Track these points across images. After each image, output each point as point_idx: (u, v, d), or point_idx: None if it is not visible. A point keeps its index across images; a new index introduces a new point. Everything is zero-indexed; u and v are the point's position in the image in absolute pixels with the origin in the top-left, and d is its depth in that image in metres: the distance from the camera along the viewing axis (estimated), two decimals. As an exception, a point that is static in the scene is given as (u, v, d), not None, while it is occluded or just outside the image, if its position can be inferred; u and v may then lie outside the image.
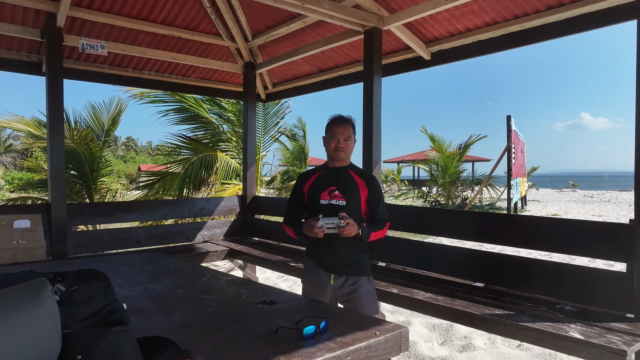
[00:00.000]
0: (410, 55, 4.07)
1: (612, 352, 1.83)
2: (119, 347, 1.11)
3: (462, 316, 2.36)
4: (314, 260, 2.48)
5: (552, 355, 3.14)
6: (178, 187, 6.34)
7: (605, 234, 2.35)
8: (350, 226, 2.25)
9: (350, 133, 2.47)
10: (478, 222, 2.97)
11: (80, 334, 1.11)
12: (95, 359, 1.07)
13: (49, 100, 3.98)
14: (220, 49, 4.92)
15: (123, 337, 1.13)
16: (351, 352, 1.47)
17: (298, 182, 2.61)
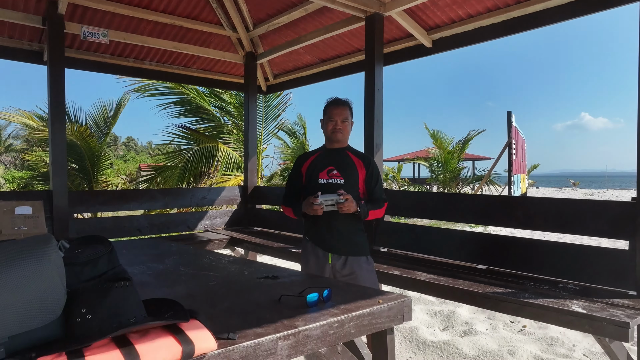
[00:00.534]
0: (412, 43, 4.07)
1: (615, 324, 1.83)
2: (123, 301, 1.11)
3: (465, 295, 2.36)
4: (313, 240, 2.48)
5: (553, 339, 3.14)
6: (178, 178, 6.33)
7: (607, 213, 2.35)
8: (349, 202, 2.26)
9: (348, 115, 2.48)
10: (481, 204, 2.97)
11: (85, 288, 1.11)
12: (100, 312, 1.07)
13: (51, 89, 3.98)
14: (222, 38, 4.92)
15: (128, 292, 1.13)
16: (354, 318, 1.47)
17: (296, 163, 2.62)
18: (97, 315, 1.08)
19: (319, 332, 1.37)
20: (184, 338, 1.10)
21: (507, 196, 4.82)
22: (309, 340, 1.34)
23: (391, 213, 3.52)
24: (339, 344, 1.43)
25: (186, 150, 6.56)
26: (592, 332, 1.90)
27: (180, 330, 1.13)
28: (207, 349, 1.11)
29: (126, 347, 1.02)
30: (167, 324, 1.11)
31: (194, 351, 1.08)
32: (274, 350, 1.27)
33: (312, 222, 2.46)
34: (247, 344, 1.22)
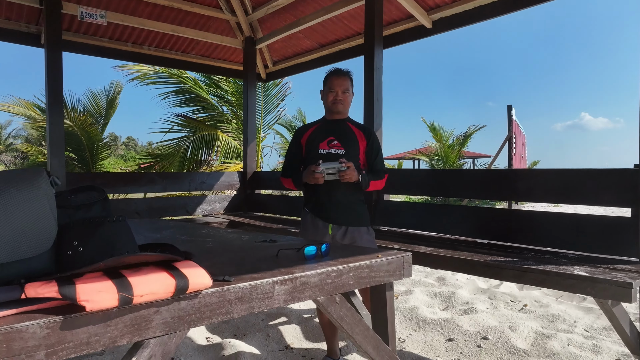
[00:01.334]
0: (412, 24, 4.05)
1: (618, 285, 1.80)
2: (116, 235, 1.09)
3: (464, 264, 2.34)
4: (313, 211, 2.45)
5: (554, 316, 3.12)
6: (177, 167, 6.31)
7: (609, 181, 2.33)
8: (351, 170, 2.23)
9: (349, 85, 2.44)
10: (481, 179, 2.94)
11: (77, 222, 1.09)
12: (91, 245, 1.05)
13: (48, 72, 3.97)
14: (221, 22, 4.90)
15: (120, 227, 1.11)
16: (353, 269, 1.45)
17: (296, 135, 2.58)
18: (88, 248, 1.05)
19: (316, 280, 1.35)
20: (178, 273, 1.07)
21: (507, 169, 4.79)
22: (306, 287, 1.32)
23: (391, 192, 3.50)
24: (337, 294, 1.40)
25: (185, 138, 6.54)
26: (594, 294, 1.87)
27: (175, 267, 1.11)
28: (201, 284, 1.09)
29: (118, 279, 1.00)
30: (161, 259, 1.09)
31: (188, 285, 1.06)
32: (271, 294, 1.25)
33: (312, 192, 2.42)
34: (243, 285, 1.19)
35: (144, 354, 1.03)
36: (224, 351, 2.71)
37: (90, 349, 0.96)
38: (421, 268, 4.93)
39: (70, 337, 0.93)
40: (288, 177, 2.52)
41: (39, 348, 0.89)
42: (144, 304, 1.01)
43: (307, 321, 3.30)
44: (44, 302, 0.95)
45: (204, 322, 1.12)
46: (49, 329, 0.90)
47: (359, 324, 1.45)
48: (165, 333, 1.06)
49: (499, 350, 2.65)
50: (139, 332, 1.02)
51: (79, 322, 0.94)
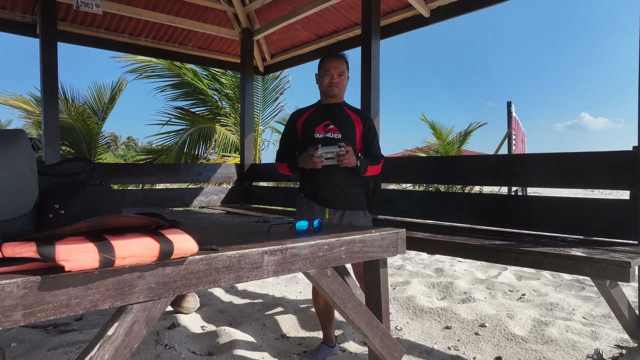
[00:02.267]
0: (409, 13, 4.01)
1: (616, 264, 1.77)
2: (99, 199, 1.06)
3: (462, 249, 2.30)
4: (309, 196, 2.41)
5: (553, 304, 3.09)
6: (174, 160, 6.28)
7: (607, 163, 2.30)
8: (350, 155, 2.21)
9: (344, 69, 2.42)
10: (478, 165, 2.91)
11: (59, 185, 1.06)
12: (73, 208, 1.03)
13: (43, 63, 3.94)
14: (218, 13, 4.87)
15: (104, 190, 1.08)
16: (345, 243, 1.42)
17: (290, 119, 2.54)
18: (70, 211, 1.03)
19: (307, 252, 1.32)
20: (163, 238, 1.05)
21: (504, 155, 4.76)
22: (296, 259, 1.30)
23: (388, 180, 3.47)
24: (329, 268, 1.37)
25: (183, 131, 6.51)
26: (592, 274, 1.84)
27: (160, 233, 1.08)
28: (187, 250, 1.06)
29: (100, 241, 0.97)
30: (146, 222, 1.06)
31: (173, 250, 1.03)
32: (260, 264, 1.22)
33: (309, 176, 2.39)
34: (231, 254, 1.17)
35: (127, 319, 1.00)
36: (218, 339, 2.68)
37: (70, 312, 0.93)
38: (419, 260, 4.90)
39: (49, 298, 0.90)
40: (283, 161, 2.48)
41: (16, 308, 0.86)
42: (127, 268, 0.99)
43: (303, 311, 3.27)
44: (22, 263, 0.92)
45: (190, 290, 1.09)
46: (27, 289, 0.87)
47: (352, 299, 1.42)
48: (149, 299, 1.03)
49: (496, 337, 2.62)
50: (121, 296, 0.99)
51: (58, 283, 0.91)
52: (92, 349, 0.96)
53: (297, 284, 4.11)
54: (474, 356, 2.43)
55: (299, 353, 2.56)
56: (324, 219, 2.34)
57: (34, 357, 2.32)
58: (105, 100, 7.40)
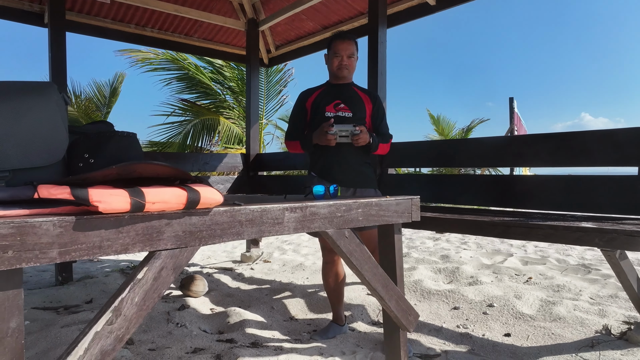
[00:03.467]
0: (416, 1, 4.04)
1: (626, 234, 1.80)
2: (127, 149, 1.09)
3: (471, 226, 2.33)
4: (320, 174, 2.42)
5: (560, 286, 3.11)
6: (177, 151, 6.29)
7: (614, 140, 2.32)
8: (364, 134, 2.23)
9: (354, 50, 2.43)
10: (486, 147, 2.93)
11: (88, 136, 1.09)
12: (102, 157, 1.05)
13: (52, 52, 3.97)
14: (224, 4, 4.89)
15: (131, 141, 1.11)
16: (362, 205, 1.45)
17: (300, 99, 2.55)
18: (99, 160, 1.05)
19: (326, 211, 1.35)
20: (190, 189, 1.07)
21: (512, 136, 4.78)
22: (316, 217, 1.32)
23: (395, 165, 3.49)
24: (346, 229, 1.40)
25: (187, 122, 6.53)
26: (602, 245, 1.86)
27: (187, 186, 1.11)
28: (213, 200, 1.09)
29: (131, 188, 1.00)
30: (173, 172, 1.09)
31: (199, 199, 1.06)
32: (281, 220, 1.24)
33: (320, 155, 2.40)
34: (254, 208, 1.19)
35: (155, 264, 1.03)
36: (229, 319, 2.70)
37: (102, 253, 0.96)
38: (425, 248, 4.92)
39: (82, 238, 0.92)
40: (294, 139, 2.49)
41: (52, 246, 0.89)
42: (155, 214, 1.01)
43: (310, 295, 3.29)
44: (56, 205, 0.95)
45: (215, 241, 1.12)
46: (62, 228, 0.90)
47: (368, 261, 1.44)
48: (176, 247, 1.06)
49: (504, 316, 2.64)
50: (150, 242, 1.01)
51: (91, 224, 0.94)
52: (123, 291, 0.99)
53: (304, 270, 4.13)
54: (483, 333, 2.45)
55: (308, 332, 2.58)
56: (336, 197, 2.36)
57: (47, 333, 2.34)
58: (106, 95, 7.42)
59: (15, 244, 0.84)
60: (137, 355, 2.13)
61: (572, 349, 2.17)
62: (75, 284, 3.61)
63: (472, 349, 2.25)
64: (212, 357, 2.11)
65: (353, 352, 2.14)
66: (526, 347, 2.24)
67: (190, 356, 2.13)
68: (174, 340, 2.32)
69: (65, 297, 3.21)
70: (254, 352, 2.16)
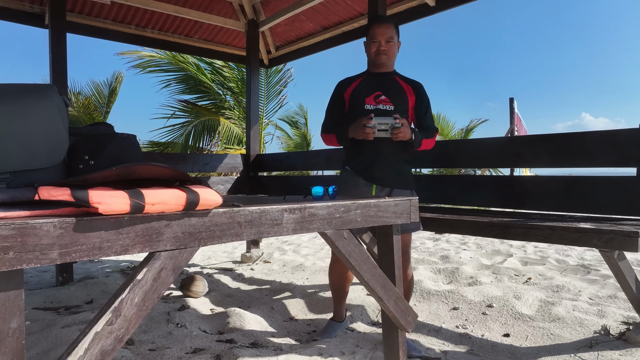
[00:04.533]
0: (415, 2, 4.05)
1: (624, 234, 1.80)
2: (126, 150, 1.10)
3: (470, 226, 2.33)
4: (355, 169, 2.27)
5: (559, 287, 3.12)
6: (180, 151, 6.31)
7: (613, 141, 2.33)
8: (405, 128, 2.07)
9: (393, 34, 2.23)
10: (485, 148, 2.93)
11: (88, 137, 1.10)
12: (102, 159, 1.06)
13: (52, 53, 3.97)
14: (224, 5, 4.90)
15: (131, 143, 1.12)
16: (360, 206, 1.46)
17: (337, 89, 2.37)
18: (99, 161, 1.06)
19: (325, 212, 1.35)
20: (189, 190, 1.08)
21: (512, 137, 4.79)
22: (315, 218, 1.33)
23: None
24: (345, 229, 1.41)
25: (187, 124, 6.55)
26: (600, 245, 1.87)
27: (186, 187, 1.11)
28: (212, 201, 1.10)
29: (130, 189, 1.01)
30: (172, 173, 1.09)
31: (199, 200, 1.07)
32: (280, 222, 1.25)
33: (358, 148, 2.24)
34: (253, 209, 1.20)
35: (155, 265, 1.04)
36: (229, 319, 2.71)
37: (102, 254, 0.96)
38: (424, 249, 4.93)
39: (83, 239, 0.93)
40: (330, 133, 2.33)
41: (53, 247, 0.90)
42: (155, 215, 1.02)
43: (310, 296, 3.30)
44: (57, 207, 0.96)
45: (214, 242, 1.13)
46: (63, 229, 0.91)
47: (367, 262, 1.45)
48: (175, 248, 1.07)
49: (504, 317, 2.65)
50: (149, 243, 1.02)
51: (91, 225, 0.94)
52: (122, 292, 0.99)
53: (304, 271, 4.14)
54: (482, 334, 2.45)
55: (308, 332, 2.59)
56: (370, 195, 2.22)
57: (48, 334, 2.35)
58: (105, 94, 7.44)
59: (16, 245, 0.85)
60: (137, 355, 2.14)
61: (570, 349, 2.18)
62: (76, 284, 3.62)
63: (471, 349, 2.26)
64: (212, 358, 2.11)
65: (352, 353, 2.15)
66: (525, 347, 2.25)
67: (190, 356, 2.13)
68: (174, 341, 2.33)
69: (65, 297, 3.22)
70: (253, 352, 2.17)
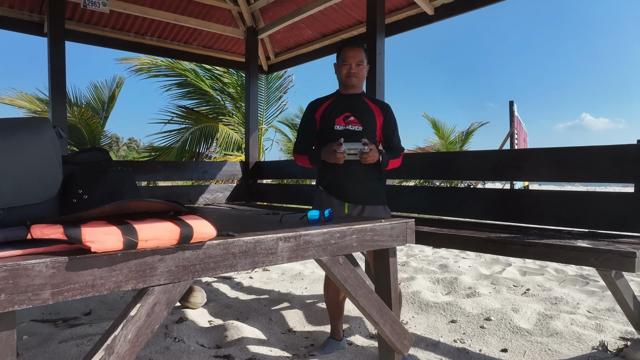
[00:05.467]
0: (414, 11, 4.05)
1: (621, 254, 1.80)
2: (121, 183, 1.09)
3: (467, 241, 2.33)
4: (328, 189, 2.36)
5: (557, 299, 3.11)
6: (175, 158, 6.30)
7: (612, 156, 2.32)
8: (373, 152, 2.17)
9: (363, 57, 2.35)
10: (483, 161, 2.93)
11: (82, 171, 1.09)
12: (96, 193, 1.06)
13: (51, 62, 3.98)
14: (223, 12, 4.91)
15: (125, 175, 1.11)
16: (356, 231, 1.45)
17: (309, 109, 2.46)
18: (93, 196, 1.06)
19: (320, 239, 1.35)
20: (183, 223, 1.08)
21: (509, 150, 4.78)
22: (310, 246, 1.33)
23: (393, 176, 3.50)
24: (340, 255, 1.40)
25: (184, 130, 6.54)
26: (597, 265, 1.87)
27: (179, 218, 1.11)
28: (206, 234, 1.09)
29: (123, 225, 1.00)
30: (165, 207, 1.09)
31: (193, 234, 1.06)
32: (274, 250, 1.25)
33: (329, 169, 2.34)
34: (247, 239, 1.20)
35: (148, 300, 1.03)
36: (226, 332, 2.71)
37: (95, 292, 0.96)
38: (423, 257, 4.93)
39: (75, 278, 0.93)
40: (302, 154, 2.42)
41: (45, 287, 0.90)
42: (148, 250, 1.02)
43: (309, 306, 3.30)
44: (49, 244, 0.95)
45: (209, 274, 1.12)
46: (55, 269, 0.91)
47: (363, 287, 1.45)
48: (169, 282, 1.06)
49: (502, 330, 2.64)
50: (143, 278, 1.02)
51: (84, 264, 0.94)
52: (115, 329, 0.99)
53: (303, 280, 4.14)
54: (480, 348, 2.45)
55: (306, 346, 2.58)
56: (343, 214, 2.30)
57: (45, 349, 2.35)
58: (104, 99, 7.43)
59: (8, 287, 0.85)
60: (134, 372, 2.13)
61: (568, 366, 2.17)
62: (74, 294, 3.61)
63: (469, 365, 2.25)
64: (209, 375, 2.11)
65: (350, 369, 2.15)
66: (523, 363, 2.24)
67: (187, 373, 2.13)
68: (172, 356, 2.32)
69: (64, 308, 3.22)
70: (250, 369, 2.16)
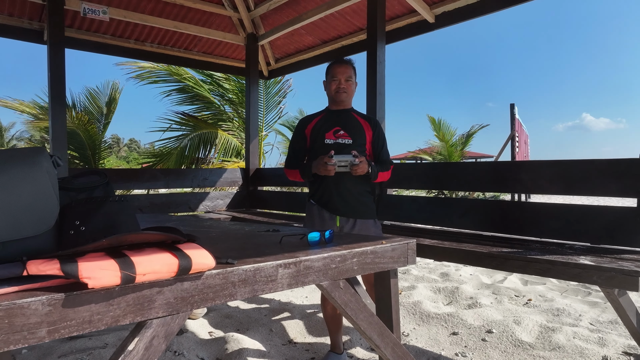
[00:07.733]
0: (414, 19, 4.04)
1: (624, 273, 1.78)
2: (118, 214, 1.08)
3: (469, 255, 2.32)
4: (319, 202, 2.41)
5: (559, 310, 3.10)
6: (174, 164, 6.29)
7: (614, 171, 2.31)
8: (363, 164, 2.21)
9: (352, 74, 2.42)
10: (484, 171, 2.92)
11: (79, 202, 1.08)
12: (93, 224, 1.04)
13: (51, 69, 3.97)
14: (223, 19, 4.90)
15: (123, 206, 1.10)
16: (357, 254, 1.44)
17: (299, 126, 2.53)
18: (90, 227, 1.04)
19: (320, 264, 1.33)
20: (181, 254, 1.06)
21: (511, 161, 4.76)
22: (310, 271, 1.31)
23: (394, 186, 3.49)
24: (341, 279, 1.39)
25: (183, 136, 6.52)
26: (600, 283, 1.85)
27: (177, 248, 1.10)
28: (204, 265, 1.08)
29: (121, 258, 0.99)
30: (163, 238, 1.08)
31: (191, 266, 1.05)
32: (274, 278, 1.23)
33: (319, 183, 2.39)
34: (247, 268, 1.18)
35: (146, 334, 1.02)
36: (227, 345, 2.69)
37: (92, 328, 0.95)
38: (424, 264, 4.91)
39: (72, 314, 0.91)
40: (293, 168, 2.48)
41: (41, 325, 0.88)
42: (146, 283, 1.00)
43: (310, 316, 3.28)
44: (45, 280, 0.94)
45: (207, 304, 1.11)
46: (51, 306, 0.89)
47: (363, 310, 1.43)
48: (168, 314, 1.05)
49: (503, 344, 2.63)
50: (141, 312, 1.00)
51: (81, 300, 0.93)
52: (113, 364, 0.98)
53: (303, 289, 4.12)
54: (482, 363, 2.43)
55: (306, 359, 2.57)
56: (335, 227, 2.35)
57: (44, 364, 2.34)
58: (101, 105, 7.41)
59: (4, 327, 0.84)
60: (133, 389, 2.12)
61: (571, 382, 2.16)
62: (74, 304, 3.60)
63: (471, 381, 2.23)
64: (209, 392, 2.10)
65: (350, 386, 2.13)
66: (525, 379, 2.23)
67: (187, 390, 2.12)
68: (171, 372, 2.31)
69: (63, 319, 3.21)
70: (250, 385, 2.15)
